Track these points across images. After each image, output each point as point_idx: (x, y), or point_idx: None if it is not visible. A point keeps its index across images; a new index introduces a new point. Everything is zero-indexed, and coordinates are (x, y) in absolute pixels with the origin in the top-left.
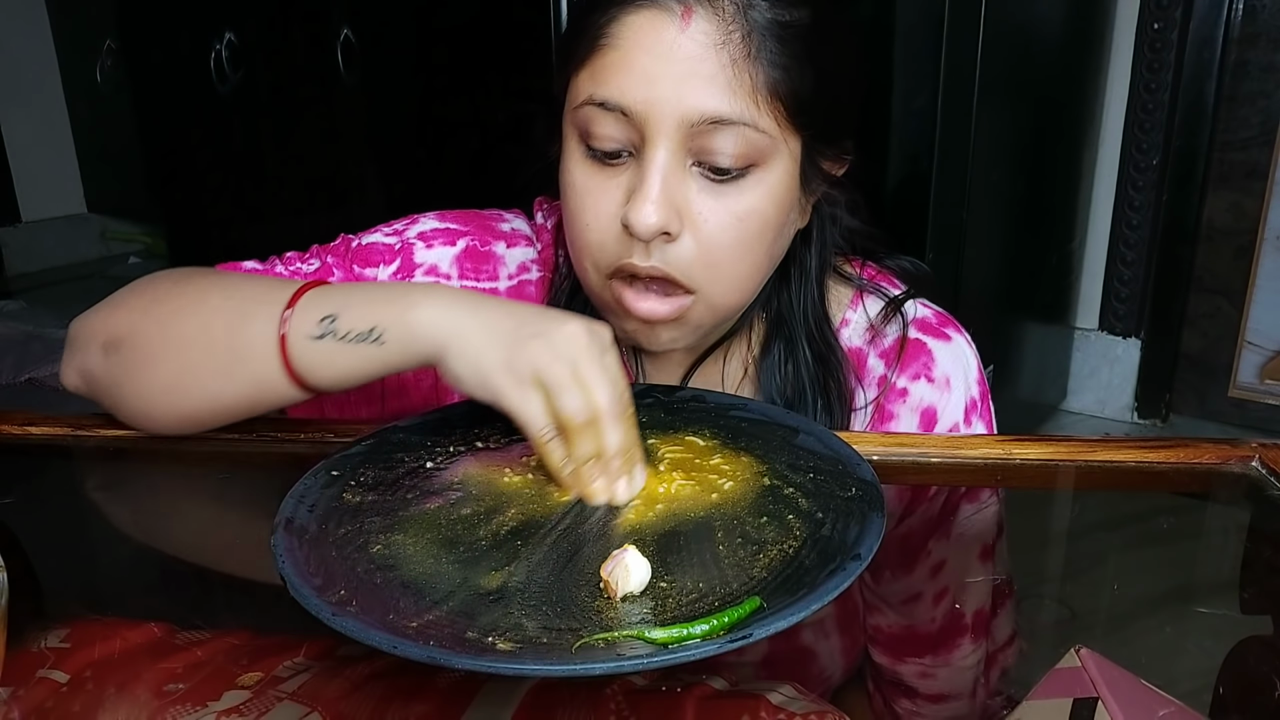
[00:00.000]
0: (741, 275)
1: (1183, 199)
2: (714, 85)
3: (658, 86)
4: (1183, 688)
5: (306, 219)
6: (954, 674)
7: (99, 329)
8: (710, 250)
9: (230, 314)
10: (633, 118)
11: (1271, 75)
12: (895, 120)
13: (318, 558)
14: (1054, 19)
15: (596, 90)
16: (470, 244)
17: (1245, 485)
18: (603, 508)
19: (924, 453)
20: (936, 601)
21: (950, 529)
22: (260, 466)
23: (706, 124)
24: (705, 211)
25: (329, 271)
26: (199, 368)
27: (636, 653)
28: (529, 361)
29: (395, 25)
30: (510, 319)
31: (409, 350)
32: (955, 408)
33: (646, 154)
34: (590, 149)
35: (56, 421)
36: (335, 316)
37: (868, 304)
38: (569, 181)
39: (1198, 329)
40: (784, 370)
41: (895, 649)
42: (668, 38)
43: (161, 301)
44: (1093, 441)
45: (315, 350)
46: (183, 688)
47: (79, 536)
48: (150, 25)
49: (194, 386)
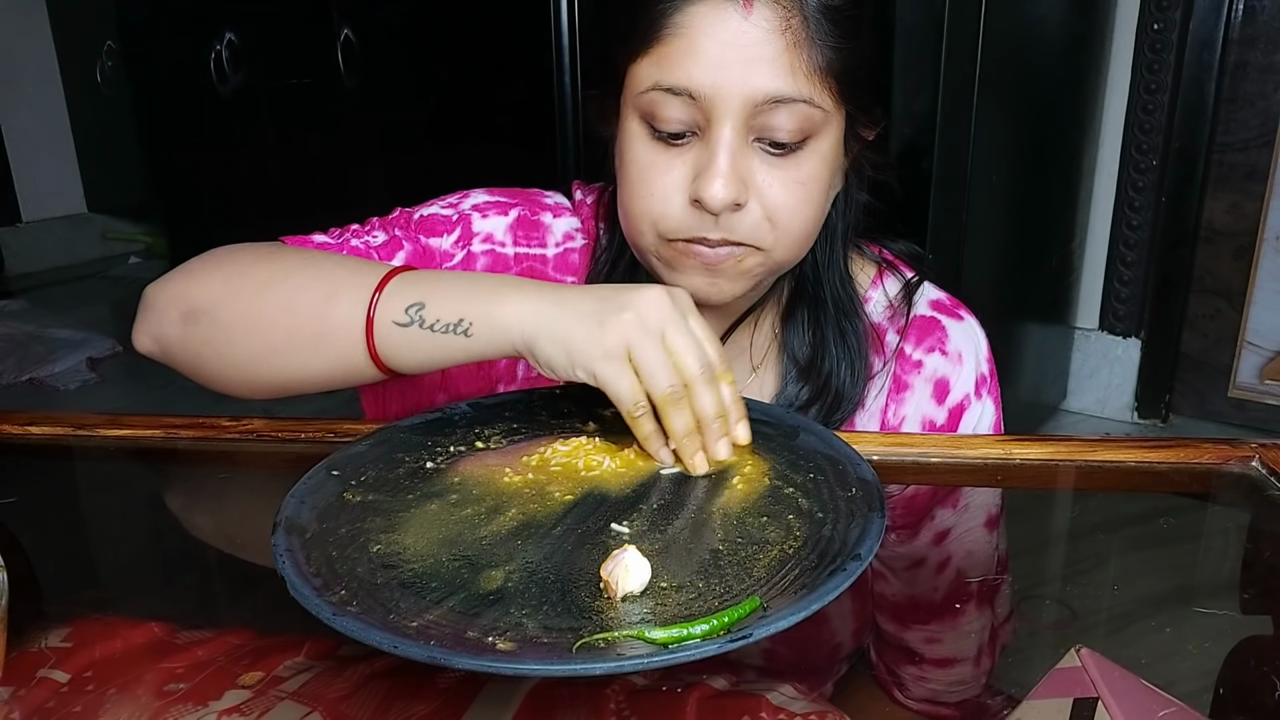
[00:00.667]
0: (806, 233)
1: (1182, 200)
2: (776, 67)
3: (726, 71)
4: (1183, 688)
5: (306, 219)
6: (958, 639)
7: (178, 297)
8: (777, 213)
9: (317, 294)
10: (700, 100)
11: (1271, 76)
12: (895, 121)
13: (318, 558)
14: (1054, 19)
15: (663, 76)
16: (521, 213)
17: (1245, 485)
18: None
19: (924, 453)
20: (939, 570)
21: (955, 499)
22: (260, 466)
23: (769, 103)
24: (769, 179)
25: (398, 244)
26: (284, 345)
27: (636, 653)
28: (619, 337)
29: (395, 25)
30: (591, 300)
31: (495, 342)
32: (967, 380)
33: (713, 133)
34: (655, 130)
35: (56, 421)
36: (423, 305)
37: (887, 284)
38: (631, 159)
39: (1198, 329)
40: (806, 329)
41: (899, 616)
42: (733, 25)
43: (245, 275)
44: (1093, 441)
45: (401, 336)
46: (184, 687)
47: (79, 536)
48: (150, 25)
49: (277, 362)
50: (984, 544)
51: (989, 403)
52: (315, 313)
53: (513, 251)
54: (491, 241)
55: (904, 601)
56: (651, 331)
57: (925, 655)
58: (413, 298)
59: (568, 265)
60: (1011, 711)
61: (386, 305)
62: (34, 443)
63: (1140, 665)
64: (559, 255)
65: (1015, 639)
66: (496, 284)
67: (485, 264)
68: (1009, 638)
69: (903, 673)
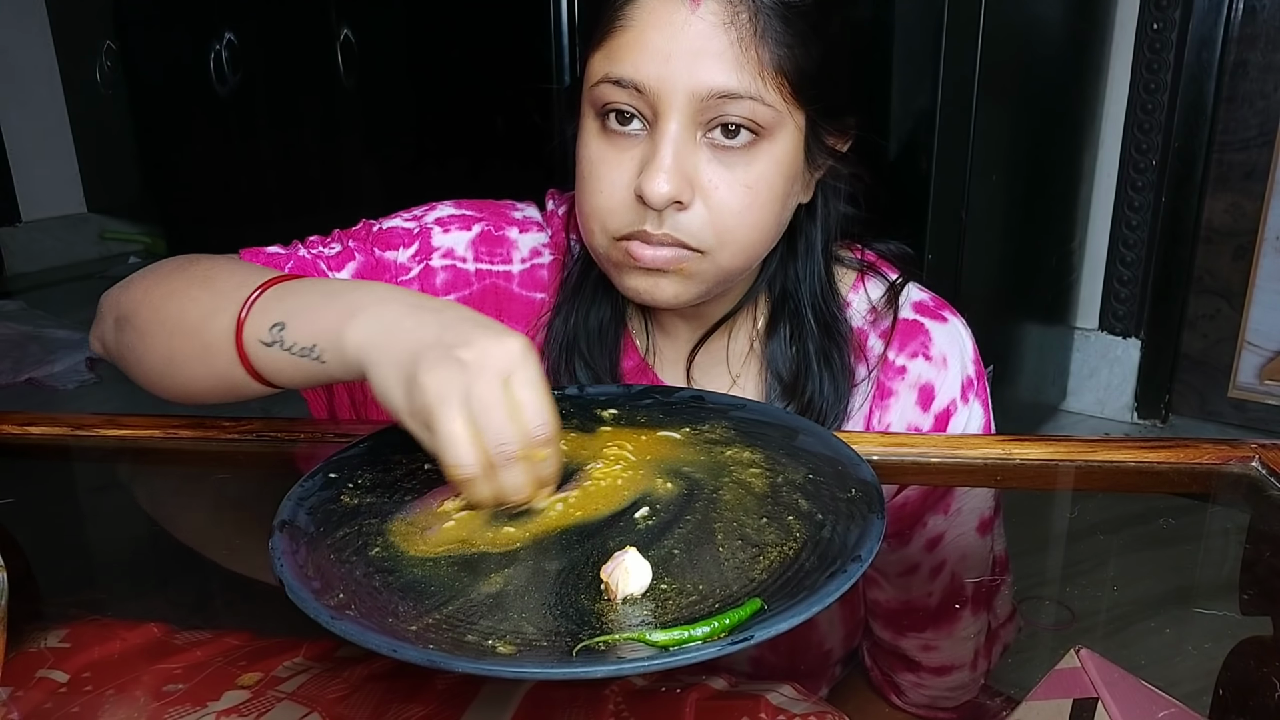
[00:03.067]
0: (752, 240)
1: (1182, 199)
2: (722, 61)
3: (670, 63)
4: (1183, 689)
5: (305, 219)
6: (955, 645)
7: (115, 303)
8: (721, 215)
9: (204, 306)
10: (646, 93)
11: (1271, 76)
12: (895, 120)
13: (316, 560)
14: (1054, 19)
15: (612, 68)
16: (485, 229)
17: (1245, 486)
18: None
19: (924, 453)
20: (935, 574)
21: (949, 503)
22: (259, 467)
23: (715, 98)
24: (715, 180)
25: (350, 255)
26: (179, 355)
27: (637, 655)
28: (432, 392)
29: (395, 26)
30: (426, 334)
31: (347, 367)
32: (952, 385)
33: (659, 127)
34: (605, 123)
35: (56, 421)
36: (284, 325)
37: (869, 287)
38: (584, 155)
39: (1197, 329)
40: (789, 346)
41: (895, 623)
42: (679, 18)
43: (161, 284)
44: (1093, 442)
45: (269, 355)
46: (182, 688)
47: (79, 536)
48: (149, 26)
49: (178, 372)
50: (979, 547)
51: (976, 406)
52: (198, 327)
53: (474, 268)
54: (452, 257)
55: (899, 609)
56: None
57: (922, 663)
58: (277, 315)
59: (535, 281)
60: (1011, 712)
61: (254, 323)
62: (33, 443)
63: (1140, 666)
64: (525, 272)
65: (1016, 639)
66: (353, 300)
67: (444, 279)
68: (1011, 638)
69: (900, 679)
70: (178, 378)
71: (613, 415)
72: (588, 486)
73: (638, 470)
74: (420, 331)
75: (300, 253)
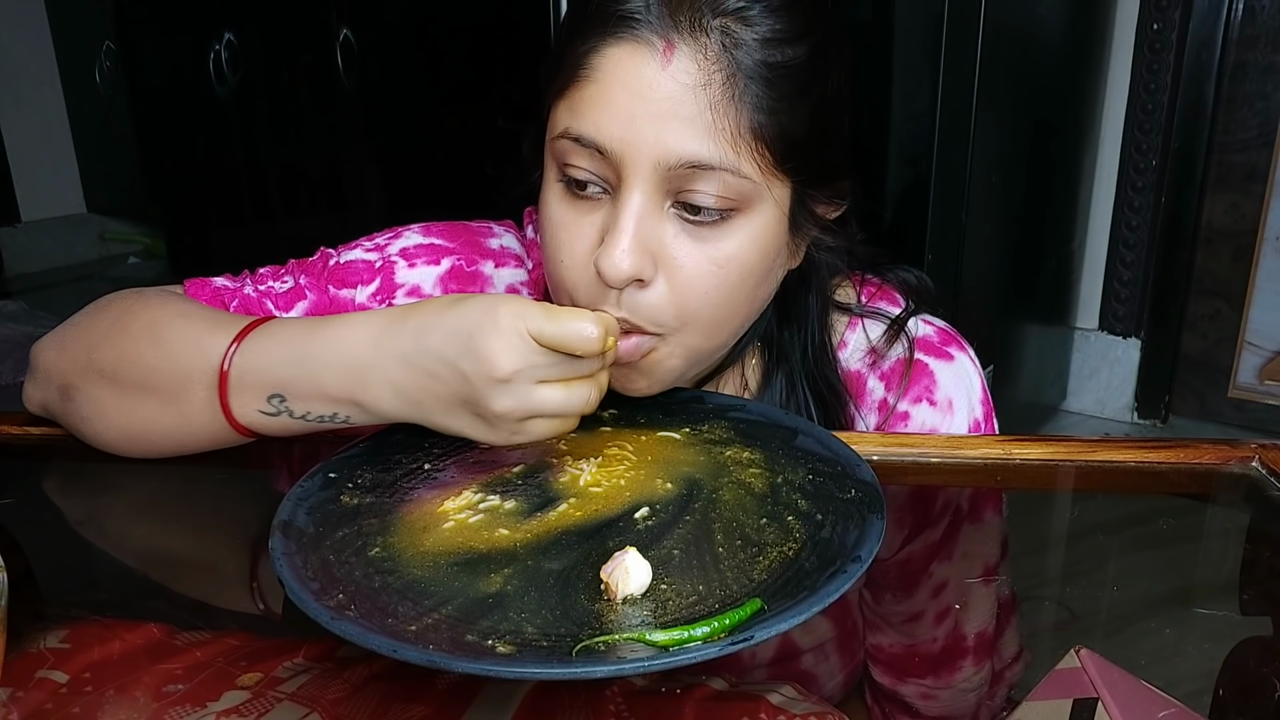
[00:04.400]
0: (719, 321)
1: (1182, 200)
2: (693, 128)
3: (634, 126)
4: (1183, 689)
5: (305, 220)
6: (957, 695)
7: (54, 369)
8: (684, 296)
9: (163, 375)
10: (609, 156)
11: (1270, 77)
12: (895, 122)
13: (316, 561)
14: (1054, 20)
15: (573, 124)
16: (456, 263)
17: (1245, 486)
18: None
19: (924, 453)
20: (938, 621)
21: (953, 549)
22: (258, 467)
23: (684, 167)
24: (682, 256)
25: (300, 294)
26: (142, 424)
27: (637, 655)
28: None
29: (395, 27)
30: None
31: (376, 421)
32: (959, 430)
33: (621, 195)
34: (567, 182)
35: (56, 422)
36: (283, 397)
37: (867, 325)
38: (546, 214)
39: (1197, 330)
40: (785, 403)
41: (896, 669)
42: (647, 75)
43: (104, 344)
44: (1093, 442)
45: (274, 423)
46: (182, 689)
47: (79, 536)
48: (149, 26)
49: (143, 440)
50: (984, 595)
51: None
52: (166, 399)
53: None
54: (419, 294)
55: (901, 653)
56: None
57: (923, 712)
58: (270, 388)
59: None
60: (1011, 712)
61: (244, 399)
62: (33, 443)
63: (1140, 666)
64: None
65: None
66: (344, 363)
67: None
68: (1017, 677)
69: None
70: (142, 444)
71: (612, 415)
72: (588, 487)
73: (638, 470)
74: (439, 379)
75: (247, 290)
